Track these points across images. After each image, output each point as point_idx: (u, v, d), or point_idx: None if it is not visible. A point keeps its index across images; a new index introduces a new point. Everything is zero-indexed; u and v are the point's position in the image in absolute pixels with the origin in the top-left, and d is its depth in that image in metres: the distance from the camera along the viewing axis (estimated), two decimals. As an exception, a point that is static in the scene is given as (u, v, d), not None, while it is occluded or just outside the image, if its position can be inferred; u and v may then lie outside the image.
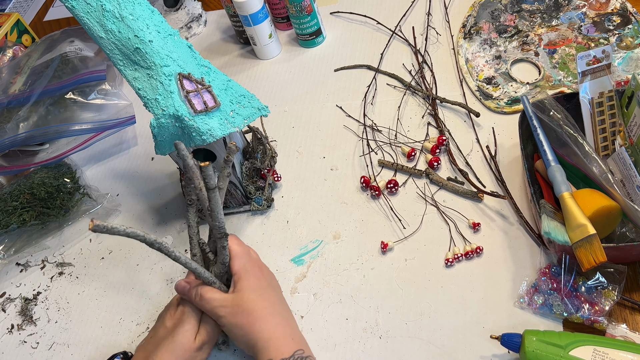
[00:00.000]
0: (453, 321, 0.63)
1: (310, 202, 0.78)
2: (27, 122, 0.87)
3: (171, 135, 0.65)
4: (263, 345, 0.56)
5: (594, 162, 0.62)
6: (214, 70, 0.70)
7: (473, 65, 0.88)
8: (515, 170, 0.74)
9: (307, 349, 0.57)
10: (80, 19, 0.63)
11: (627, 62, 0.81)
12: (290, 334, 0.57)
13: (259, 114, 0.71)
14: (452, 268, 0.68)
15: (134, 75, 0.64)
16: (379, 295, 0.67)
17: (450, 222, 0.71)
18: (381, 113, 0.86)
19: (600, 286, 0.59)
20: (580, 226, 0.57)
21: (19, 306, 0.77)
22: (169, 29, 0.67)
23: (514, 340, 0.56)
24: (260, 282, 0.60)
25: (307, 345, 0.58)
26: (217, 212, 0.57)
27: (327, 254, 0.73)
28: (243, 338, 0.58)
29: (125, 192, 0.87)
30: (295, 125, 0.89)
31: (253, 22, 0.94)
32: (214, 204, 0.57)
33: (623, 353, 0.52)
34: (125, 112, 0.90)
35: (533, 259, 0.65)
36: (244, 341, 0.58)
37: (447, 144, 0.78)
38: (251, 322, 0.57)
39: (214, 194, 0.56)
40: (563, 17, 0.90)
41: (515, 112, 0.80)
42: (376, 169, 0.79)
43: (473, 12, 0.95)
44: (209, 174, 0.55)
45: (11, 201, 0.80)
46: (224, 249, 0.60)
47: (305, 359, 0.55)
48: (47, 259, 0.81)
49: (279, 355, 0.54)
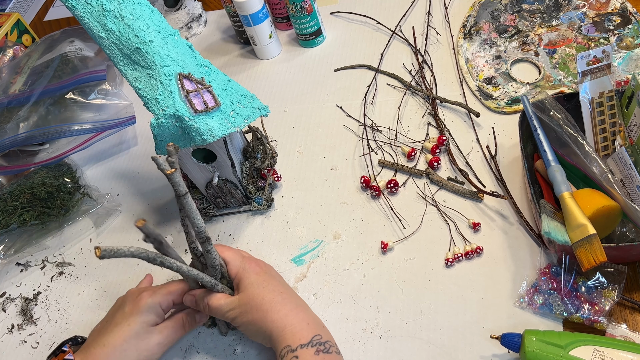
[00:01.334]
0: (453, 321, 0.63)
1: (310, 202, 0.78)
2: (27, 122, 0.88)
3: (171, 135, 0.65)
4: (279, 334, 0.55)
5: (594, 162, 0.62)
6: (214, 70, 0.70)
7: (473, 65, 0.88)
8: (515, 170, 0.74)
9: (324, 333, 0.56)
10: (81, 18, 0.63)
11: (627, 62, 0.81)
12: (304, 319, 0.57)
13: (259, 113, 0.71)
14: (452, 268, 0.68)
15: (134, 75, 0.64)
16: (379, 295, 0.67)
17: (450, 222, 0.71)
18: (381, 113, 0.86)
19: (600, 286, 0.59)
20: (580, 226, 0.57)
21: (19, 306, 0.77)
22: (169, 28, 0.67)
23: (514, 340, 0.56)
24: (260, 276, 0.60)
25: (323, 328, 0.58)
26: (193, 217, 0.56)
27: (327, 253, 0.73)
28: (259, 333, 0.58)
29: (125, 192, 0.87)
30: (296, 125, 0.89)
31: (253, 22, 0.94)
32: (188, 210, 0.56)
33: (623, 353, 0.52)
34: (125, 112, 0.90)
35: (533, 259, 0.66)
36: (260, 335, 0.58)
37: (447, 144, 0.78)
38: (262, 316, 0.57)
39: (186, 200, 0.55)
40: (563, 17, 0.90)
41: (515, 112, 0.80)
42: (376, 169, 0.79)
43: (473, 12, 0.95)
44: (176, 181, 0.54)
45: (11, 201, 0.80)
46: (209, 253, 0.59)
47: (324, 344, 0.54)
48: (47, 259, 0.81)
49: (296, 341, 0.54)
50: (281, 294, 0.59)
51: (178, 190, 0.54)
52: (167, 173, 0.53)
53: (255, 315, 0.57)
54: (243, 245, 0.76)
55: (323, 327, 0.58)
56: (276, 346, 0.56)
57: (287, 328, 0.55)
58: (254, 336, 0.59)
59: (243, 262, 0.62)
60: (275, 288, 0.59)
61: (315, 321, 0.58)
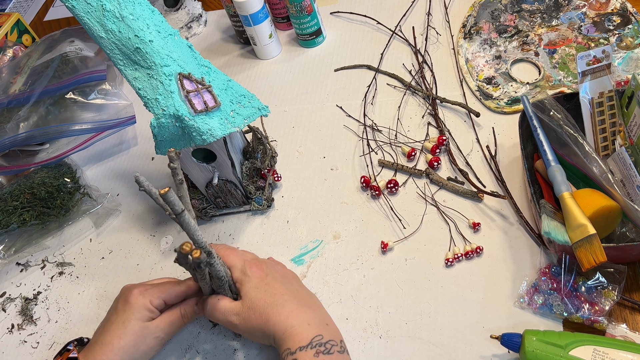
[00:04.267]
0: (453, 321, 0.63)
1: (310, 202, 0.78)
2: (27, 122, 0.88)
3: (171, 135, 0.65)
4: (280, 337, 0.55)
5: (594, 162, 0.62)
6: (214, 70, 0.70)
7: (473, 65, 0.88)
8: (515, 170, 0.74)
9: (327, 332, 0.56)
10: (81, 18, 0.63)
11: (627, 62, 0.81)
12: (305, 320, 0.56)
13: (259, 113, 0.71)
14: (452, 268, 0.68)
15: (134, 75, 0.64)
16: (379, 295, 0.67)
17: (450, 222, 0.71)
18: (381, 113, 0.86)
19: (600, 286, 0.59)
20: (580, 226, 0.57)
21: (19, 306, 0.77)
22: (169, 28, 0.67)
23: (514, 340, 0.56)
24: (262, 279, 0.60)
25: (327, 327, 0.57)
26: (192, 233, 0.55)
27: (327, 253, 0.73)
28: (263, 337, 0.58)
29: (125, 192, 0.87)
30: (295, 125, 0.89)
31: (253, 22, 0.94)
32: (186, 228, 0.54)
33: (623, 353, 0.52)
34: (125, 112, 0.90)
35: (533, 259, 0.66)
36: (264, 339, 0.58)
37: (447, 144, 0.78)
38: (264, 320, 0.57)
39: (182, 217, 0.53)
40: (563, 17, 0.90)
41: (515, 112, 0.80)
42: (376, 169, 0.79)
43: (473, 12, 0.95)
44: (171, 200, 0.51)
45: (11, 201, 0.80)
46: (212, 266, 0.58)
47: (325, 345, 0.54)
48: (47, 259, 0.81)
49: (295, 344, 0.54)
50: (283, 296, 0.58)
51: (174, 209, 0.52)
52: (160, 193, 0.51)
53: (258, 319, 0.57)
54: (243, 245, 0.76)
55: (327, 325, 0.57)
56: (279, 349, 0.56)
57: (287, 330, 0.55)
58: (260, 340, 0.59)
59: (245, 266, 0.61)
60: (276, 291, 0.59)
61: (319, 319, 0.57)
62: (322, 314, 0.59)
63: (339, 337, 0.56)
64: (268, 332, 0.56)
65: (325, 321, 0.58)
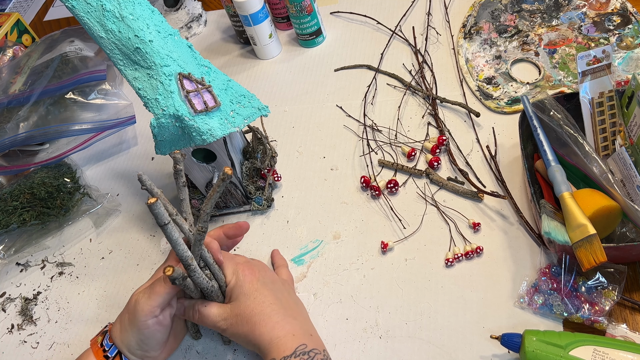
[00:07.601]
0: (453, 321, 0.63)
1: (310, 202, 0.78)
2: (27, 122, 0.88)
3: (171, 135, 0.65)
4: (265, 347, 0.56)
5: (594, 162, 0.62)
6: (214, 70, 0.70)
7: (473, 65, 0.88)
8: (515, 170, 0.74)
9: (311, 341, 0.56)
10: (81, 18, 0.63)
11: (627, 62, 0.81)
12: (290, 331, 0.57)
13: (259, 113, 0.71)
14: (452, 268, 0.68)
15: (134, 75, 0.64)
16: (379, 295, 0.67)
17: (450, 222, 0.71)
18: (381, 113, 0.86)
19: (600, 286, 0.59)
20: (580, 226, 0.57)
21: (19, 306, 0.77)
22: (169, 28, 0.67)
23: (514, 340, 0.56)
24: (253, 285, 0.60)
25: (311, 337, 0.57)
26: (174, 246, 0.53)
27: (327, 253, 0.73)
28: (249, 345, 0.58)
29: (125, 192, 0.87)
30: (295, 125, 0.89)
31: (253, 22, 0.94)
32: (169, 240, 0.53)
33: (623, 353, 0.52)
34: (125, 112, 0.90)
35: (533, 259, 0.66)
36: (249, 346, 0.58)
37: (447, 143, 0.78)
38: (251, 328, 0.57)
39: (166, 229, 0.52)
40: (563, 17, 0.90)
41: (515, 112, 0.80)
42: (376, 169, 0.79)
43: (473, 12, 0.95)
44: (156, 212, 0.50)
45: (11, 201, 0.80)
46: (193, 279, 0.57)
47: (308, 353, 0.55)
48: (47, 259, 0.81)
49: (280, 354, 0.54)
50: (270, 305, 0.58)
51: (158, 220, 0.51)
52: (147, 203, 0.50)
53: (245, 327, 0.57)
54: (243, 245, 0.76)
55: (312, 335, 0.58)
56: (264, 358, 0.56)
57: (273, 342, 0.56)
58: (245, 346, 0.60)
59: (237, 270, 0.61)
60: (265, 299, 0.59)
61: (304, 330, 0.58)
62: (307, 325, 0.60)
63: (322, 347, 0.57)
64: (253, 341, 0.57)
65: (309, 332, 0.58)
